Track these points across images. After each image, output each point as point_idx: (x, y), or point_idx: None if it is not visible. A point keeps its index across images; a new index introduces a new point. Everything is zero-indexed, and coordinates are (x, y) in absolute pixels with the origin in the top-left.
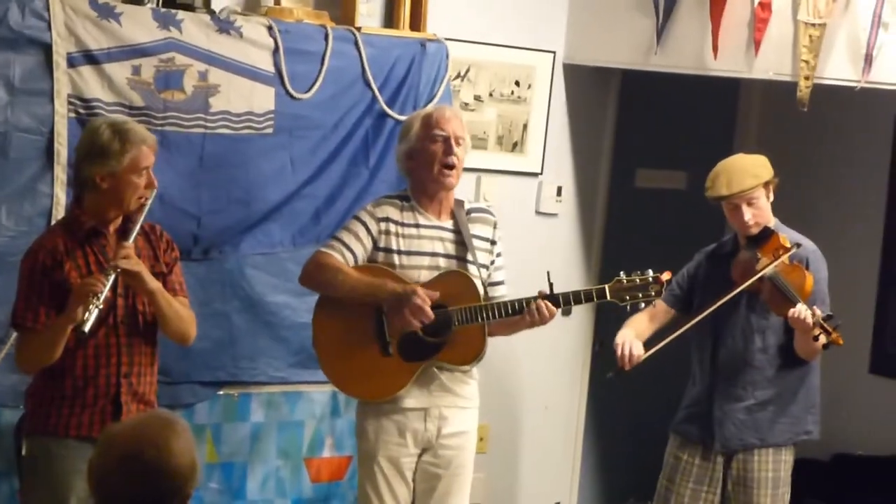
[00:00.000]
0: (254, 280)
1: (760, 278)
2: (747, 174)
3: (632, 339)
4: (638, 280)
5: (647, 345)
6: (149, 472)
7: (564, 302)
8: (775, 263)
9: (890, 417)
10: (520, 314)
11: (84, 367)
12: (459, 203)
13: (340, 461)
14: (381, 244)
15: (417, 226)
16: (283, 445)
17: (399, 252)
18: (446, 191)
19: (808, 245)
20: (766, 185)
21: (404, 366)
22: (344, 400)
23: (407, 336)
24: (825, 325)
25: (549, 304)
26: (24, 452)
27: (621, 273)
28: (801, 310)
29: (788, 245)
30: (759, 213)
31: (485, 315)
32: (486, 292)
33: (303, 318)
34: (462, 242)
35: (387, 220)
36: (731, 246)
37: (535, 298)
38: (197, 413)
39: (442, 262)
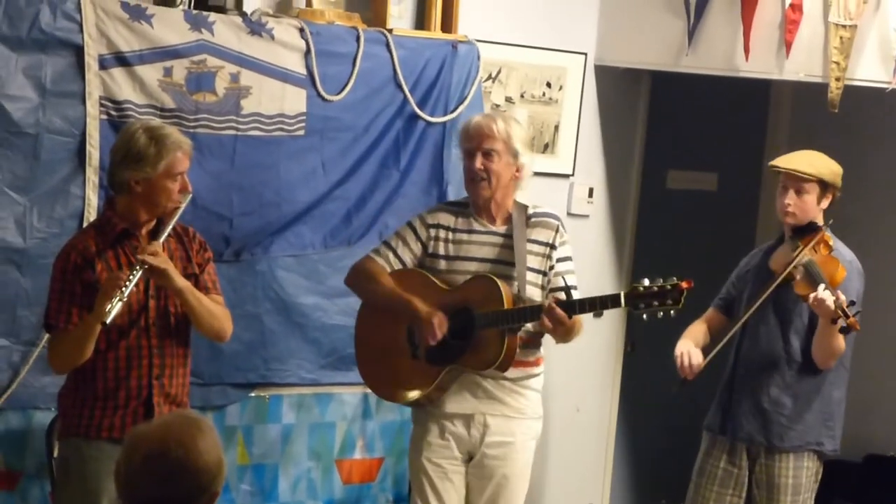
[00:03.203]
0: (285, 282)
1: (795, 266)
2: (810, 164)
3: (689, 347)
4: (656, 287)
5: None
6: (176, 471)
7: (580, 309)
8: (810, 249)
9: None
10: (535, 319)
11: (115, 369)
12: (522, 208)
13: (372, 463)
14: (431, 249)
15: (469, 231)
16: (314, 447)
17: (447, 258)
18: (482, 200)
19: (847, 255)
20: (823, 184)
21: (429, 369)
22: (375, 402)
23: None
24: (845, 309)
25: (561, 309)
26: (55, 454)
27: (645, 280)
28: (822, 291)
29: (832, 243)
30: (802, 206)
31: (503, 320)
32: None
33: (333, 319)
34: (512, 247)
35: (437, 226)
36: (777, 240)
37: (547, 304)
38: (228, 415)
39: (491, 267)
